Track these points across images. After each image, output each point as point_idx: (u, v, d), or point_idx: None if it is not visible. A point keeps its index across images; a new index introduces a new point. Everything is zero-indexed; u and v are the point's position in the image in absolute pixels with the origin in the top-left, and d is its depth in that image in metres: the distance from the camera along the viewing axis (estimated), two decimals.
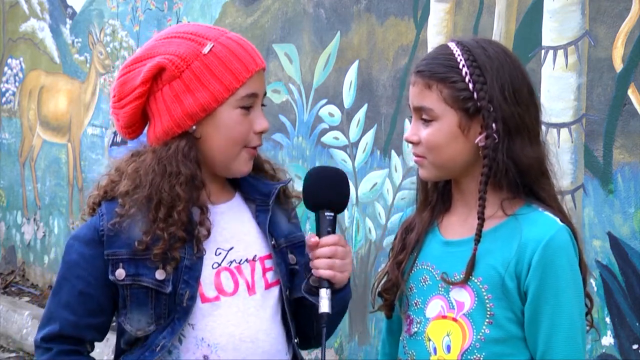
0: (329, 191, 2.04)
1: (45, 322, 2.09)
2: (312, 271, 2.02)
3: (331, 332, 2.16)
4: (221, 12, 5.50)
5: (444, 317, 1.98)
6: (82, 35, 6.94)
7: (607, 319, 3.30)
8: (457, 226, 2.03)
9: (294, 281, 2.14)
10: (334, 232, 2.03)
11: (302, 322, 2.14)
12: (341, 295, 2.06)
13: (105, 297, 2.05)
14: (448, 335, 1.96)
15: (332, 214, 2.03)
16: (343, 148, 4.68)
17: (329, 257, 2.00)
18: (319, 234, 2.02)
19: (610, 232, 3.30)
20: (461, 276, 1.96)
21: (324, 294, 1.98)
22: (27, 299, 7.14)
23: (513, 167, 1.93)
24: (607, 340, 3.30)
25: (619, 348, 3.27)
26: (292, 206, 2.22)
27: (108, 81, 6.64)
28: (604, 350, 3.31)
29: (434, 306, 2.00)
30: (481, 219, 1.94)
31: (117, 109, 2.09)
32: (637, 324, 3.22)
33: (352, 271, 2.08)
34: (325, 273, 1.99)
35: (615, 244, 3.28)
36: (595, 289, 3.32)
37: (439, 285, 2.00)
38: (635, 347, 3.23)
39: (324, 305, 1.97)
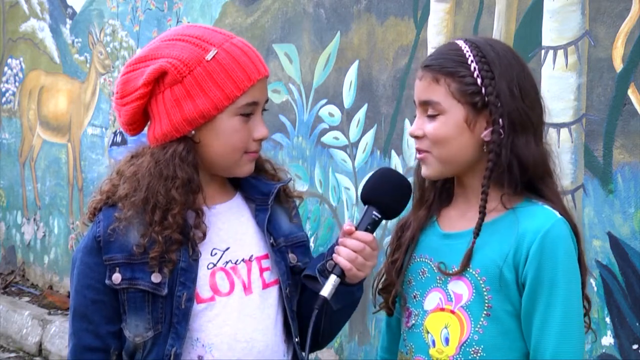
0: (390, 194, 2.03)
1: (69, 339, 2.10)
2: (333, 255, 2.01)
3: (336, 329, 2.17)
4: (221, 12, 5.50)
5: (442, 309, 1.98)
6: (82, 35, 6.94)
7: (607, 319, 3.30)
8: (456, 219, 2.03)
9: (309, 265, 2.11)
10: (372, 232, 2.02)
11: (310, 316, 2.08)
12: (349, 290, 2.05)
13: (118, 302, 2.05)
14: (446, 327, 1.97)
15: (380, 216, 2.02)
16: (343, 148, 4.68)
17: (355, 251, 1.99)
18: (357, 225, 2.02)
19: (610, 232, 3.30)
20: (458, 268, 1.97)
21: (332, 280, 1.98)
22: (27, 299, 7.14)
23: (516, 164, 1.94)
24: (607, 340, 3.30)
25: (619, 348, 3.27)
26: (292, 205, 2.22)
27: (108, 81, 6.64)
28: (604, 350, 3.31)
29: (432, 299, 2.01)
30: (482, 212, 1.95)
31: (120, 105, 2.09)
32: (637, 324, 3.22)
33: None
34: (343, 263, 1.99)
35: (615, 244, 3.28)
36: (595, 289, 3.32)
37: (437, 278, 2.01)
38: (635, 347, 3.23)
39: (326, 289, 1.97)
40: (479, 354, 1.94)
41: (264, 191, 2.14)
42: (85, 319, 2.06)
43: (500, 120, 1.93)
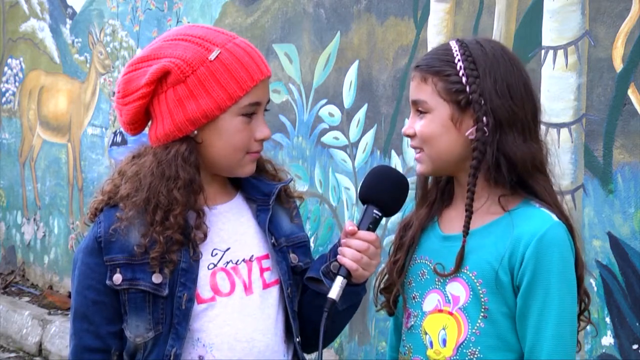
0: (388, 191, 2.04)
1: (70, 339, 2.10)
2: (337, 257, 2.02)
3: (338, 329, 2.19)
4: (221, 12, 5.50)
5: (440, 311, 2.00)
6: (82, 35, 6.94)
7: (607, 319, 3.30)
8: (456, 220, 2.04)
9: (311, 267, 2.13)
10: (374, 231, 2.03)
11: (313, 316, 2.10)
12: (355, 290, 2.06)
13: (119, 302, 2.05)
14: (444, 329, 1.98)
15: (380, 214, 2.03)
16: (343, 148, 4.69)
17: (360, 251, 2.00)
18: (359, 225, 2.02)
19: (610, 232, 3.30)
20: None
21: (339, 281, 1.99)
22: (27, 299, 7.14)
23: (504, 161, 1.95)
24: (607, 340, 3.31)
25: (619, 348, 3.27)
26: (293, 206, 2.22)
27: (108, 81, 6.64)
28: (604, 350, 3.32)
29: (431, 300, 2.02)
30: (469, 211, 1.96)
31: (121, 105, 2.09)
32: (637, 324, 3.22)
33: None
34: (349, 263, 1.99)
35: (615, 244, 3.29)
36: (595, 289, 3.32)
37: (436, 279, 2.02)
38: (635, 347, 3.23)
39: (334, 291, 1.98)
40: (475, 355, 1.95)
41: (265, 191, 2.14)
42: (86, 320, 2.06)
43: (485, 118, 1.94)
